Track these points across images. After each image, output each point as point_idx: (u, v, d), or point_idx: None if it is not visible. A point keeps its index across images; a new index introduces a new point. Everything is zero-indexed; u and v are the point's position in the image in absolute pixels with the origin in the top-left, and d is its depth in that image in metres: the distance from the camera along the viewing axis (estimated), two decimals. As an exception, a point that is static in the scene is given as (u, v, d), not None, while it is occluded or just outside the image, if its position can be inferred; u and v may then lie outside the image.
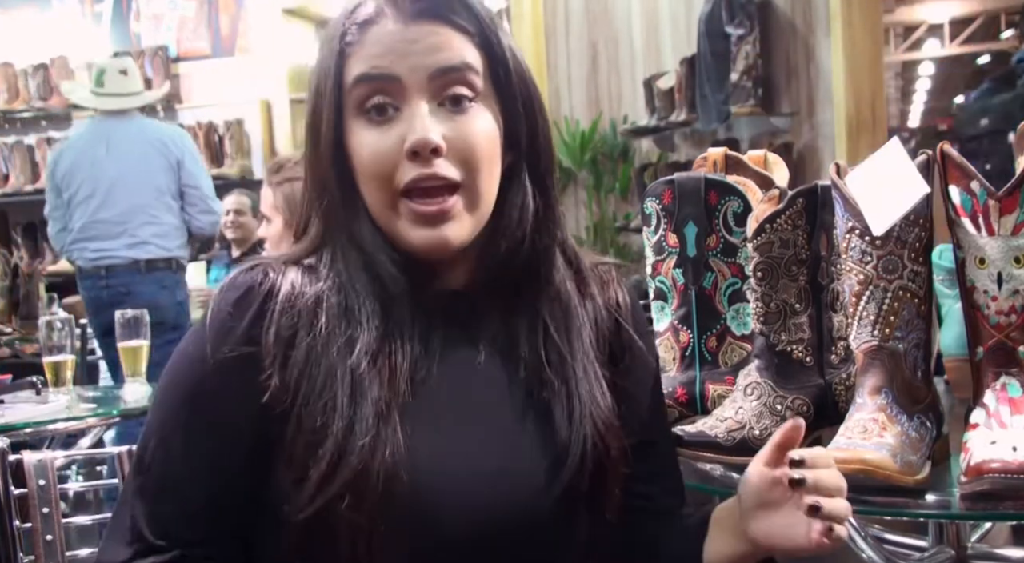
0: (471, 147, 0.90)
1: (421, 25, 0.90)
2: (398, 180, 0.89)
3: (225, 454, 0.89)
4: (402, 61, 0.89)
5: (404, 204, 0.90)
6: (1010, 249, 1.07)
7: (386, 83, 0.89)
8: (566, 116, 4.98)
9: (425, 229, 0.90)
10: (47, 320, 2.77)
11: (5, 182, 5.99)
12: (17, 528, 1.56)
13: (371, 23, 0.91)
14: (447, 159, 0.89)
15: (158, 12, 5.84)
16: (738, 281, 1.37)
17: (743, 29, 4.39)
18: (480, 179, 0.91)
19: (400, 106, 0.90)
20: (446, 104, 0.90)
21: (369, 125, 0.90)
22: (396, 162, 0.89)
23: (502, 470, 0.90)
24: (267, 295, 0.90)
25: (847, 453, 1.04)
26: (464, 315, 0.94)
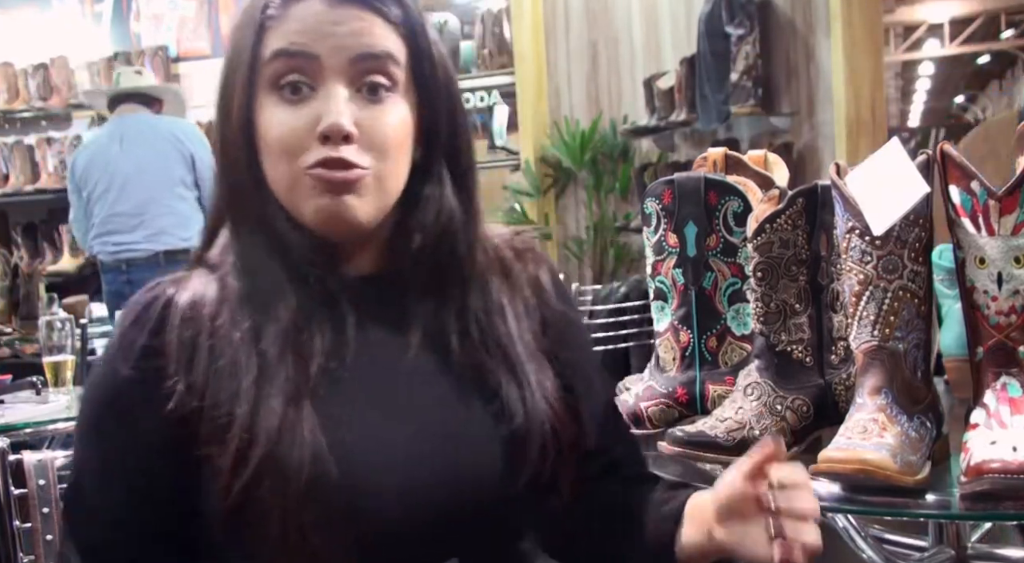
0: (382, 137, 0.90)
1: (347, 8, 0.89)
2: (305, 159, 0.88)
3: (147, 468, 0.88)
4: (324, 41, 0.88)
5: (308, 176, 0.88)
6: (1010, 249, 1.07)
7: (304, 61, 0.88)
8: (566, 116, 4.98)
9: (327, 197, 0.88)
10: (47, 320, 2.77)
11: (5, 182, 5.99)
12: (17, 528, 1.56)
13: (294, 1, 0.90)
14: (357, 145, 0.88)
15: (158, 12, 5.84)
16: (738, 281, 1.37)
17: (743, 29, 4.39)
18: (387, 168, 0.90)
19: (316, 86, 0.89)
20: (363, 91, 0.90)
21: (281, 102, 0.89)
22: (305, 142, 0.88)
23: (443, 457, 0.89)
24: (166, 306, 0.90)
25: (847, 453, 1.04)
26: (377, 301, 0.93)
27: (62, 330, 2.72)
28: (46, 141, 5.94)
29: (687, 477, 1.21)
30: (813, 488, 0.90)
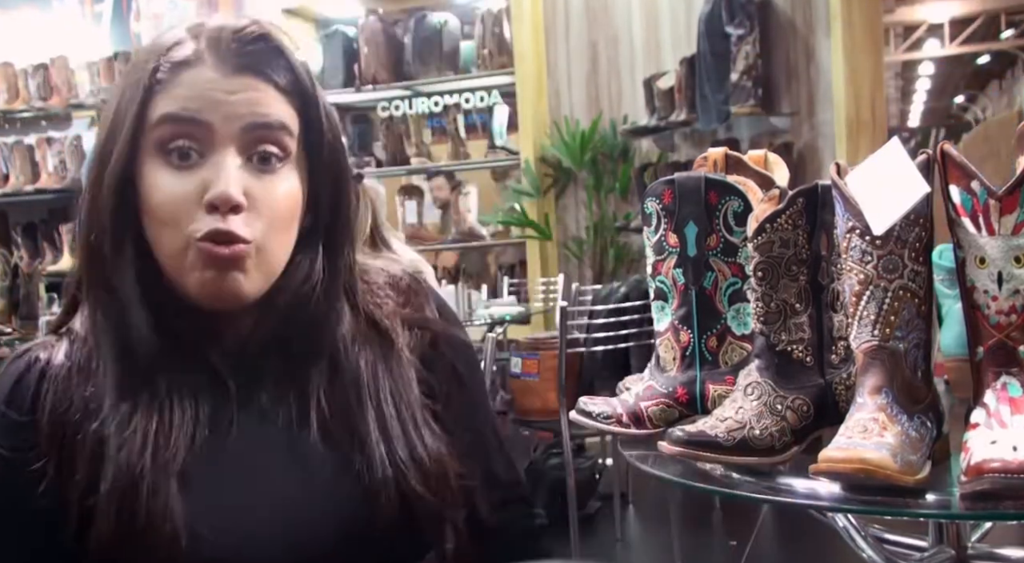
0: (272, 208, 0.88)
1: (241, 78, 0.87)
2: (192, 229, 0.86)
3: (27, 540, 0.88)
4: (216, 109, 0.86)
5: (195, 247, 0.86)
6: (1010, 249, 1.07)
7: (195, 128, 0.86)
8: (566, 116, 4.98)
9: (211, 273, 0.87)
10: (47, 320, 2.77)
11: (5, 182, 6.00)
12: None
13: (187, 65, 0.87)
14: (245, 216, 0.86)
15: (158, 12, 5.84)
16: (738, 281, 1.37)
17: (743, 29, 4.39)
18: (274, 239, 0.89)
19: (205, 154, 0.87)
20: (254, 160, 0.88)
21: (167, 167, 0.87)
22: (192, 211, 0.86)
23: (288, 523, 0.89)
24: (39, 379, 0.89)
25: (847, 453, 1.04)
26: (248, 369, 0.92)
27: (62, 330, 2.72)
28: (46, 141, 5.95)
29: (687, 477, 1.22)
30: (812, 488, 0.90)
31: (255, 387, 0.92)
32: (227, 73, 0.87)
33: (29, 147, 5.98)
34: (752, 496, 1.18)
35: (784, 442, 1.20)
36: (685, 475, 1.22)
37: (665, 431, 1.25)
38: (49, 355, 0.91)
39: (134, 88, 0.88)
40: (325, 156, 0.92)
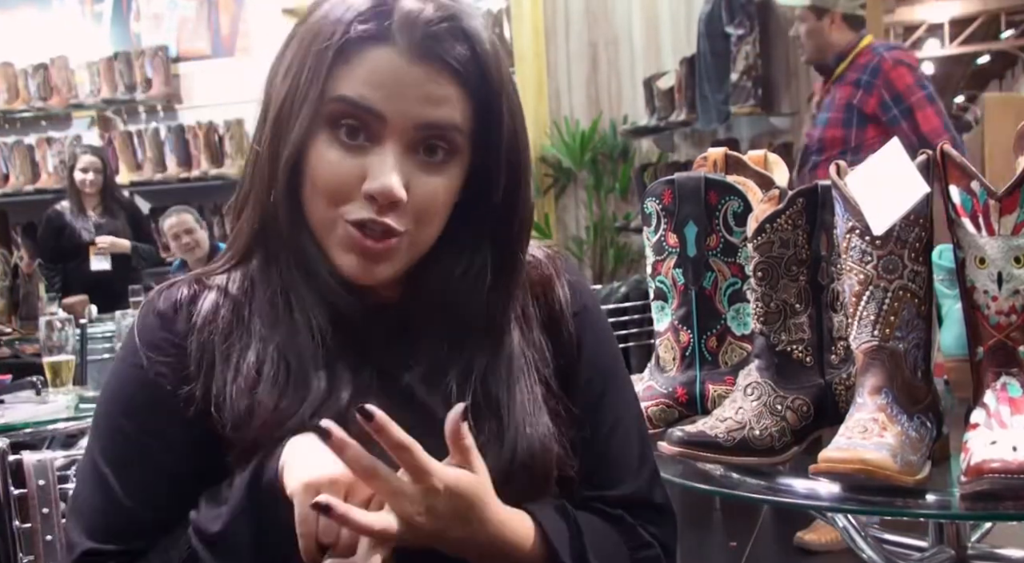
0: (429, 204, 0.88)
1: (425, 68, 0.86)
2: (346, 211, 0.86)
3: (168, 459, 0.89)
4: (393, 102, 0.85)
5: (345, 228, 0.87)
6: (1010, 249, 1.07)
7: (368, 116, 0.86)
8: (566, 116, 4.98)
9: (360, 260, 0.87)
10: (47, 320, 2.77)
11: (5, 182, 6.00)
12: (17, 528, 1.56)
13: (374, 41, 0.86)
14: (401, 210, 0.86)
15: (158, 12, 5.84)
16: (738, 281, 1.37)
17: (743, 29, 4.39)
18: (425, 232, 0.89)
19: (373, 139, 0.86)
20: (419, 152, 0.87)
21: (335, 142, 0.87)
22: (352, 194, 0.86)
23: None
24: (191, 308, 0.91)
25: (847, 453, 1.04)
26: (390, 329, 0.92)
27: (62, 330, 2.72)
28: (46, 141, 5.95)
29: (687, 477, 1.22)
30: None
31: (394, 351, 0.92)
32: (411, 59, 0.85)
33: (29, 147, 5.98)
34: (752, 496, 1.18)
35: (784, 442, 1.20)
36: (685, 475, 1.21)
37: (665, 431, 1.25)
38: (193, 299, 0.92)
39: (319, 58, 0.87)
40: (502, 148, 0.90)
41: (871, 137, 3.11)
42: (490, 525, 0.85)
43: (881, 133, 3.09)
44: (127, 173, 5.70)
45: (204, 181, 5.50)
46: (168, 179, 5.65)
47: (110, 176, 4.94)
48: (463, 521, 0.82)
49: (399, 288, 0.94)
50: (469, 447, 0.82)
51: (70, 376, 2.73)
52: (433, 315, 0.93)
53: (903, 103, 3.10)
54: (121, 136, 5.76)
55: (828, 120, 3.23)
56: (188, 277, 0.95)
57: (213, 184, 5.39)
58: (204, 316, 0.91)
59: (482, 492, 0.84)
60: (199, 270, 0.97)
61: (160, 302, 0.93)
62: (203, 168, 5.58)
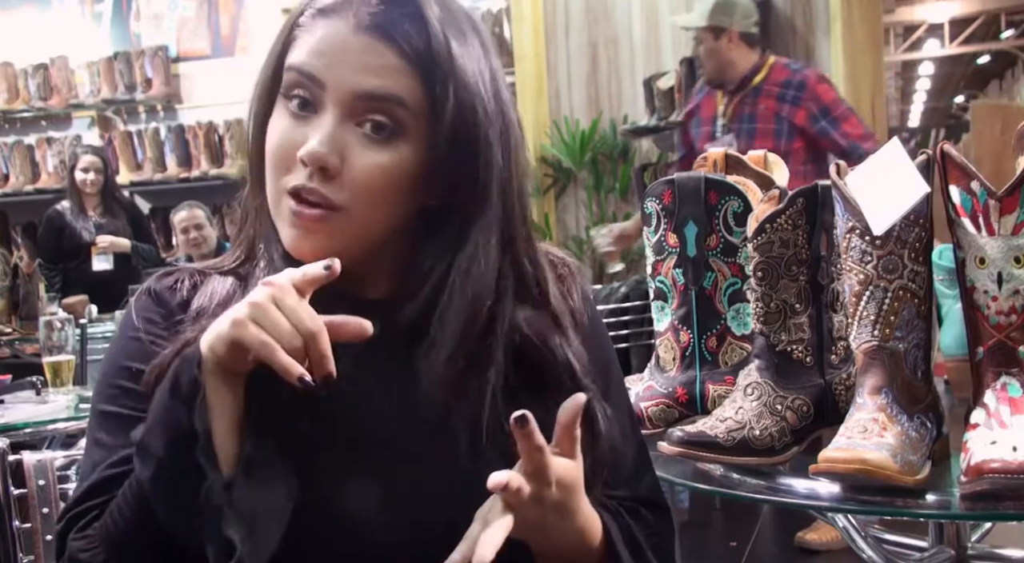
0: (367, 179, 0.86)
1: (369, 38, 0.86)
2: (287, 180, 0.87)
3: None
4: (332, 69, 0.86)
5: (286, 201, 0.88)
6: (1010, 249, 1.07)
7: (312, 83, 0.87)
8: (566, 116, 4.98)
9: (296, 233, 0.87)
10: (47, 320, 2.77)
11: (5, 182, 6.00)
12: (17, 528, 1.56)
13: (327, 14, 0.88)
14: (337, 181, 0.86)
15: (158, 12, 5.84)
16: (738, 281, 1.37)
17: (743, 29, 4.39)
18: (367, 210, 0.87)
19: (318, 109, 0.87)
20: (365, 126, 0.87)
21: (286, 112, 0.89)
22: (290, 161, 0.87)
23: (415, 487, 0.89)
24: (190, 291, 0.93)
25: (847, 453, 1.04)
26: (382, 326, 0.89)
27: (62, 330, 2.72)
28: (46, 141, 5.95)
29: (687, 477, 1.22)
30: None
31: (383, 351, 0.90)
32: (357, 30, 0.86)
33: (29, 147, 5.98)
34: (752, 496, 1.18)
35: (784, 442, 1.20)
36: (685, 475, 1.22)
37: (665, 431, 1.25)
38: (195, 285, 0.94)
39: (282, 33, 0.91)
40: (446, 131, 0.87)
41: (798, 147, 3.35)
42: (580, 516, 0.86)
43: (806, 144, 3.35)
44: (127, 173, 5.70)
45: (204, 181, 5.50)
46: (168, 179, 5.65)
47: (110, 176, 4.94)
48: (564, 510, 0.84)
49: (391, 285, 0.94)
50: (577, 438, 0.83)
51: (70, 376, 2.73)
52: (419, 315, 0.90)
53: (830, 115, 3.33)
54: (121, 136, 5.76)
55: (756, 131, 3.40)
56: (188, 268, 0.97)
57: (213, 184, 5.39)
58: (204, 297, 0.92)
59: (580, 483, 0.85)
60: (201, 264, 0.98)
61: (157, 283, 0.95)
62: (203, 168, 5.57)
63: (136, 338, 0.93)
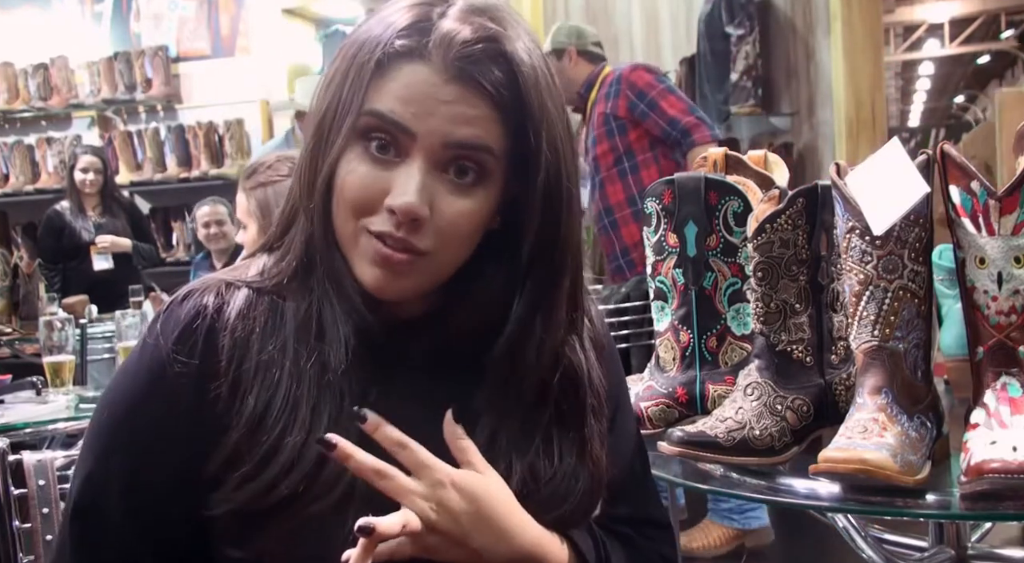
0: (454, 226, 0.86)
1: (459, 86, 0.84)
2: (369, 222, 0.86)
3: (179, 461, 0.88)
4: (424, 119, 0.84)
5: (368, 240, 0.86)
6: (1010, 249, 1.07)
7: (397, 132, 0.85)
8: (566, 116, 4.98)
9: (379, 272, 0.86)
10: (47, 320, 2.77)
11: (5, 182, 6.00)
12: (17, 528, 1.56)
13: (411, 57, 0.85)
14: (424, 229, 0.85)
15: (158, 12, 5.84)
16: (738, 281, 1.37)
17: (743, 29, 4.39)
18: (450, 253, 0.88)
19: (402, 155, 0.86)
20: (449, 172, 0.86)
21: (365, 155, 0.86)
22: (375, 206, 0.86)
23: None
24: (213, 321, 0.89)
25: (847, 453, 1.04)
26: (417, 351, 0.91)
27: (62, 330, 2.72)
28: (46, 141, 5.95)
29: (687, 477, 1.22)
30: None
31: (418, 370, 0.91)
32: (445, 78, 0.84)
33: (29, 147, 5.98)
34: (752, 496, 1.18)
35: (784, 442, 1.20)
36: (685, 475, 1.21)
37: (665, 431, 1.25)
38: (221, 303, 0.90)
39: (359, 72, 0.87)
40: (538, 177, 0.87)
41: (634, 138, 3.33)
42: (520, 538, 0.86)
43: (641, 132, 3.32)
44: (127, 173, 5.70)
45: (204, 181, 5.50)
46: (168, 179, 5.65)
47: (110, 176, 4.94)
48: (484, 525, 0.84)
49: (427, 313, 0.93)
50: (467, 447, 0.84)
51: (70, 376, 2.73)
52: (459, 342, 0.91)
53: (646, 97, 3.31)
54: (121, 136, 5.76)
55: (594, 138, 3.41)
56: (214, 283, 0.93)
57: (213, 184, 5.39)
58: (238, 312, 0.89)
59: (495, 492, 0.85)
60: (222, 275, 0.95)
61: (186, 303, 0.91)
62: (203, 168, 5.57)
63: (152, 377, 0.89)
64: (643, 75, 3.36)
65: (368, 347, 0.87)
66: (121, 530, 0.88)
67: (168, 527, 0.88)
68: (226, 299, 0.91)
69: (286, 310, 0.90)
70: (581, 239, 0.95)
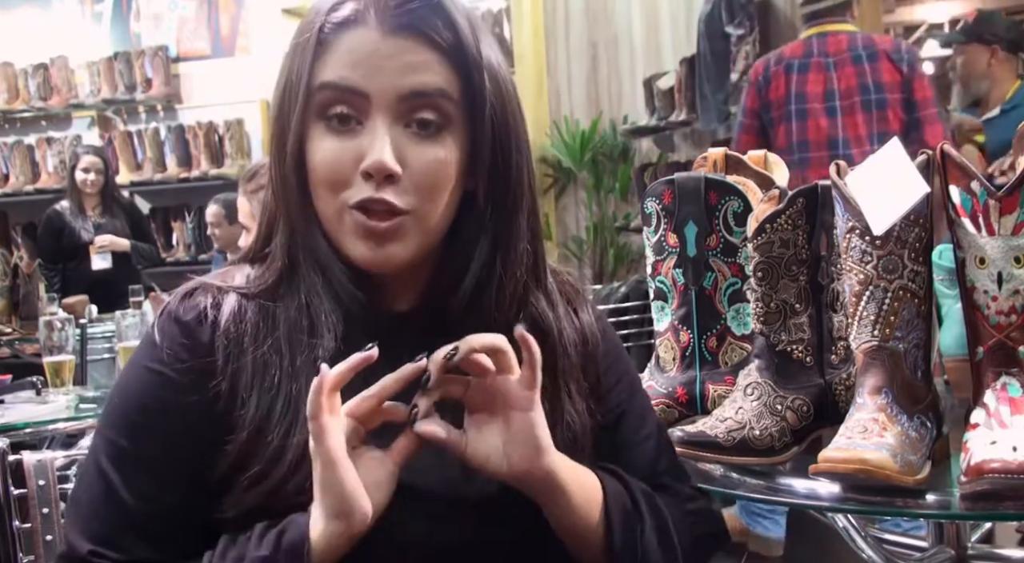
0: (429, 177, 0.88)
1: (400, 39, 0.86)
2: (348, 195, 0.87)
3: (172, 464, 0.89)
4: (373, 77, 0.86)
5: (351, 215, 0.87)
6: (1010, 249, 1.07)
7: (353, 96, 0.86)
8: (566, 116, 4.98)
9: (369, 244, 0.88)
10: (47, 320, 2.77)
11: (5, 182, 6.00)
12: (17, 528, 1.56)
13: (349, 25, 0.87)
14: (401, 185, 0.86)
15: (158, 12, 5.84)
16: (738, 281, 1.37)
17: (743, 29, 4.39)
18: (430, 207, 0.89)
19: (363, 120, 0.87)
20: (412, 125, 0.87)
21: (328, 132, 0.88)
22: (349, 176, 0.87)
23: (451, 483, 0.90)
24: (214, 315, 0.90)
25: (847, 453, 1.04)
26: (409, 339, 0.91)
27: (62, 330, 2.72)
28: (46, 141, 5.95)
29: (687, 477, 1.21)
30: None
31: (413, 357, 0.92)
32: (386, 33, 0.86)
33: (29, 147, 5.98)
34: (752, 496, 1.18)
35: (784, 442, 1.21)
36: (685, 475, 1.21)
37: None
38: (216, 304, 0.91)
39: (302, 52, 0.88)
40: (486, 118, 0.90)
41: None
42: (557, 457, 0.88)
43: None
44: (127, 173, 5.70)
45: (204, 181, 5.50)
46: (168, 179, 5.65)
47: (111, 177, 4.94)
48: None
49: (420, 295, 0.94)
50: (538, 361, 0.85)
51: (70, 376, 2.73)
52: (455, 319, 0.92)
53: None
54: (121, 136, 5.76)
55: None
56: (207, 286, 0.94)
57: (213, 184, 5.39)
58: (230, 315, 0.90)
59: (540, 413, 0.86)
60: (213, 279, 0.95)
61: (181, 308, 0.91)
62: (203, 168, 5.58)
63: (160, 372, 0.90)
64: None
65: (363, 336, 0.87)
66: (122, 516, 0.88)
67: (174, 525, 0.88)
68: (219, 300, 0.92)
69: (277, 312, 0.91)
70: (534, 178, 0.96)
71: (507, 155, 0.92)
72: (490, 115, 0.90)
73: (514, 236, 0.93)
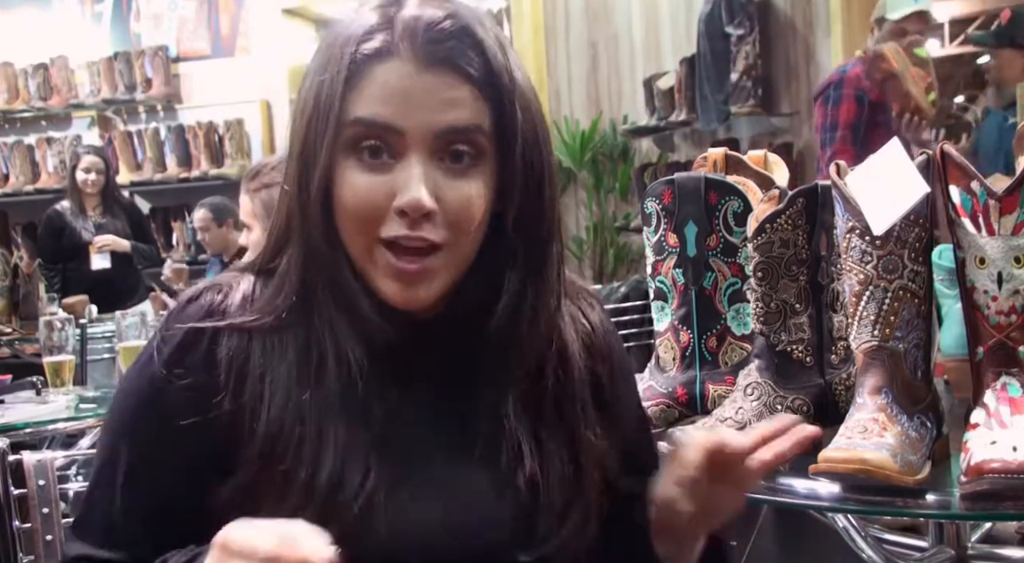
0: (463, 212, 0.86)
1: (434, 73, 0.84)
2: (381, 231, 0.85)
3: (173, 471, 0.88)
4: (408, 114, 0.84)
5: (382, 254, 0.86)
6: (1010, 249, 1.07)
7: (387, 133, 0.84)
8: (566, 116, 4.98)
9: (400, 285, 0.86)
10: (47, 320, 2.77)
11: (5, 182, 6.00)
12: (17, 528, 1.56)
13: (382, 56, 0.85)
14: (433, 220, 0.85)
15: (158, 12, 5.84)
16: (738, 281, 1.37)
17: (743, 29, 4.39)
18: (464, 239, 0.87)
19: (396, 156, 0.85)
20: (446, 160, 0.86)
21: (360, 166, 0.85)
22: (382, 213, 0.85)
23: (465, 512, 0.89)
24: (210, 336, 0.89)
25: (847, 453, 1.04)
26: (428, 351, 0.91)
27: (62, 330, 2.72)
28: (46, 141, 5.95)
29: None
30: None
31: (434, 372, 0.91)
32: (420, 66, 0.84)
33: (29, 147, 5.98)
34: (752, 496, 1.18)
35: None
36: (685, 475, 1.21)
37: (665, 431, 1.25)
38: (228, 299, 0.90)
39: (331, 84, 0.85)
40: (516, 150, 0.88)
41: None
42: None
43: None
44: (127, 173, 5.69)
45: (204, 181, 5.50)
46: (168, 179, 5.65)
47: (111, 177, 4.93)
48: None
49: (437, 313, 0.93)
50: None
51: (70, 376, 2.73)
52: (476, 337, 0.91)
53: None
54: (121, 136, 5.76)
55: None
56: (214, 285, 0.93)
57: (213, 184, 5.39)
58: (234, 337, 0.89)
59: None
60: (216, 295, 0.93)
61: (184, 316, 0.90)
62: (203, 168, 5.57)
63: (158, 376, 0.89)
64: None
65: (379, 361, 0.87)
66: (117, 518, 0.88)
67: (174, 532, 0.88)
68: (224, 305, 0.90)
69: (285, 338, 0.89)
70: (558, 208, 0.96)
71: (539, 183, 0.90)
72: (521, 144, 0.88)
73: (547, 264, 0.92)
